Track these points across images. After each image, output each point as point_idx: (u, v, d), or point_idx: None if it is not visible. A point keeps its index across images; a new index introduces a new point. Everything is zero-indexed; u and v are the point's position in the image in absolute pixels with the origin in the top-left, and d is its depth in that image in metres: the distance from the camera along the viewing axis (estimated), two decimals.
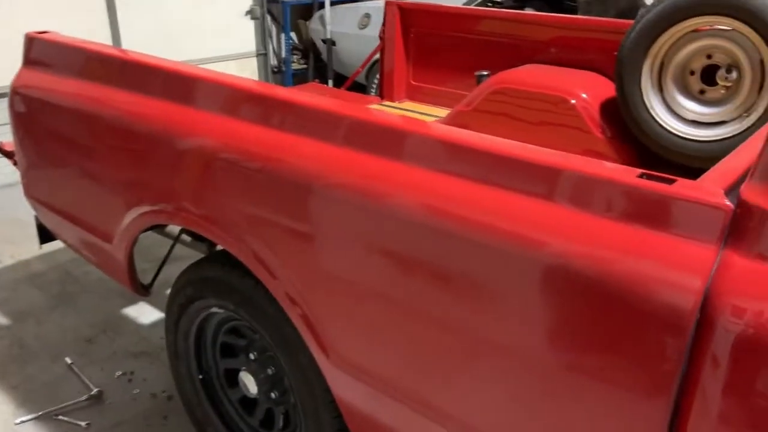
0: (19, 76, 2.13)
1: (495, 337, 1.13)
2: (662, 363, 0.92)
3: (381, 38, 3.28)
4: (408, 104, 3.30)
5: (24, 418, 2.18)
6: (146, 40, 4.59)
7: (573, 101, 2.28)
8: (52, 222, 2.21)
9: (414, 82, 3.32)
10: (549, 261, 1.01)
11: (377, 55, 3.44)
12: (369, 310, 1.34)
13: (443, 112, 2.87)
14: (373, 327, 1.34)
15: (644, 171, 0.94)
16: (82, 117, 1.92)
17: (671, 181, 0.92)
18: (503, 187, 1.11)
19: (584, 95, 2.29)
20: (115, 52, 2.04)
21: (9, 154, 2.52)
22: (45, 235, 2.32)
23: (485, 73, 2.67)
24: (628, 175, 0.95)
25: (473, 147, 1.17)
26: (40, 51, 2.12)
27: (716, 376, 0.88)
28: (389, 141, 1.28)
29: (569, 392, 1.06)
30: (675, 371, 0.91)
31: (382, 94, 3.37)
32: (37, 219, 2.31)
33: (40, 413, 2.21)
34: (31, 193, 2.22)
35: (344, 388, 1.44)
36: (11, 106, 2.12)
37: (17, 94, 2.12)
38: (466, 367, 1.20)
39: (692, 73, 2.00)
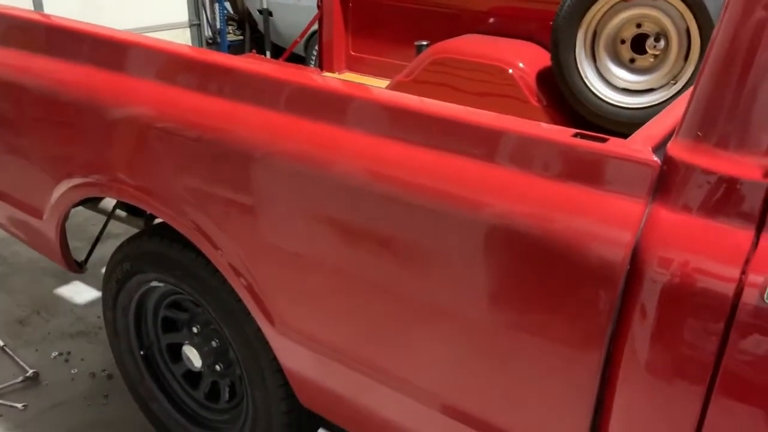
0: None
1: (438, 298, 1.16)
2: (595, 316, 0.97)
3: (319, 7, 3.23)
4: (348, 75, 3.27)
5: None
6: (71, 7, 4.37)
7: (510, 71, 2.32)
8: None
9: (354, 53, 3.29)
10: (490, 221, 1.04)
11: (316, 26, 3.38)
12: (314, 278, 1.34)
13: (384, 82, 2.86)
14: (319, 294, 1.35)
15: (578, 131, 0.97)
16: (5, 87, 1.82)
17: (603, 140, 0.95)
18: (444, 150, 1.12)
19: (521, 65, 2.34)
20: (38, 17, 1.93)
21: None
22: None
23: (424, 43, 2.68)
24: (563, 134, 0.98)
25: (415, 110, 1.18)
26: None
27: (645, 325, 0.93)
28: (331, 106, 1.28)
29: (510, 350, 1.10)
30: (607, 323, 0.96)
31: (322, 65, 3.33)
32: None
33: None
34: None
35: (291, 356, 1.44)
36: None
37: None
38: (410, 328, 1.23)
39: (623, 41, 2.07)
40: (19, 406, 2.10)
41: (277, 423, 1.61)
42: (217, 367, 1.77)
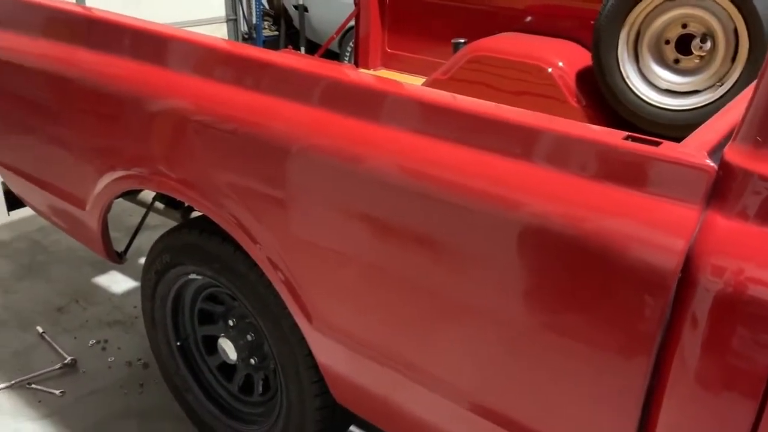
0: None
1: (473, 298, 1.15)
2: (643, 323, 0.95)
3: (356, 4, 3.23)
4: (383, 72, 3.27)
5: None
6: (112, 1, 4.44)
7: (549, 70, 2.29)
8: (20, 188, 2.15)
9: (389, 50, 3.28)
10: (537, 223, 1.03)
11: (351, 22, 3.39)
12: (349, 274, 1.34)
13: (419, 80, 2.85)
14: (355, 291, 1.35)
15: (629, 134, 0.95)
16: (50, 79, 1.85)
17: (656, 144, 0.93)
18: (485, 149, 1.11)
19: (560, 64, 2.30)
20: (81, 10, 1.96)
21: None
22: (13, 202, 2.26)
23: (462, 41, 2.66)
24: (614, 137, 0.96)
25: (464, 109, 1.16)
26: (4, 9, 2.03)
27: (696, 334, 0.91)
28: (366, 102, 1.27)
29: (547, 353, 1.09)
30: (655, 330, 0.94)
31: (357, 62, 3.33)
32: (3, 185, 2.24)
33: (12, 382, 2.17)
34: None
35: (326, 352, 1.45)
36: None
37: None
38: (445, 327, 1.22)
39: (667, 42, 2.02)
40: (57, 392, 2.14)
41: (310, 418, 1.62)
42: (252, 361, 1.78)
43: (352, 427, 1.78)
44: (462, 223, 1.12)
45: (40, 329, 2.43)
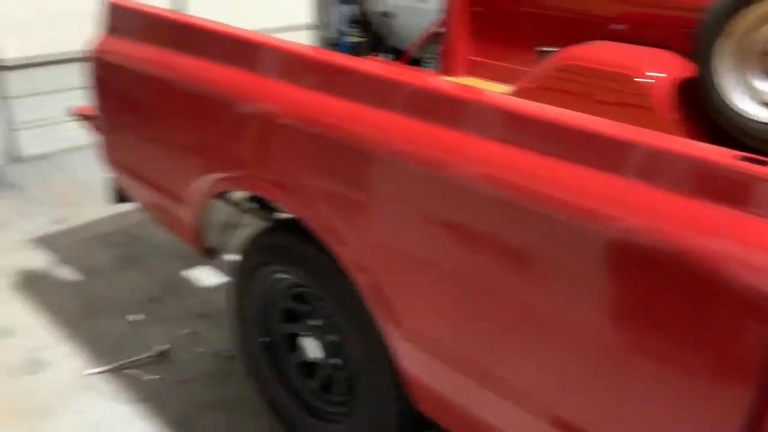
0: (101, 42, 2.20)
1: (561, 312, 1.14)
2: (745, 349, 0.92)
3: (443, 11, 3.25)
4: (468, 80, 3.27)
5: (95, 370, 2.30)
6: (208, 8, 4.65)
7: (643, 81, 2.22)
8: (128, 184, 2.30)
9: (475, 58, 3.28)
10: (630, 239, 1.01)
11: (435, 29, 3.40)
12: (434, 281, 1.36)
13: (504, 88, 2.83)
14: (439, 298, 1.36)
15: (744, 154, 0.93)
16: (157, 83, 1.98)
17: None
18: (584, 164, 1.10)
19: (655, 74, 2.23)
20: (181, 17, 2.07)
21: (85, 118, 2.62)
22: (119, 196, 2.42)
23: (551, 49, 2.62)
24: (727, 156, 0.94)
25: (561, 122, 1.16)
26: (118, 18, 2.19)
27: None
28: (455, 110, 1.29)
29: (637, 374, 1.07)
30: (759, 357, 0.91)
31: (442, 69, 3.35)
32: (112, 180, 2.40)
33: (110, 366, 2.32)
34: (108, 155, 2.31)
35: (410, 359, 1.47)
36: (92, 71, 2.20)
37: (97, 60, 2.19)
38: (532, 340, 1.22)
39: None
40: (151, 378, 2.27)
41: (389, 422, 1.65)
42: (334, 361, 1.83)
43: None
44: (549, 234, 1.12)
45: (137, 317, 2.59)
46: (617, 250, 1.03)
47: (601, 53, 2.44)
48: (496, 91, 3.02)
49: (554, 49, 2.57)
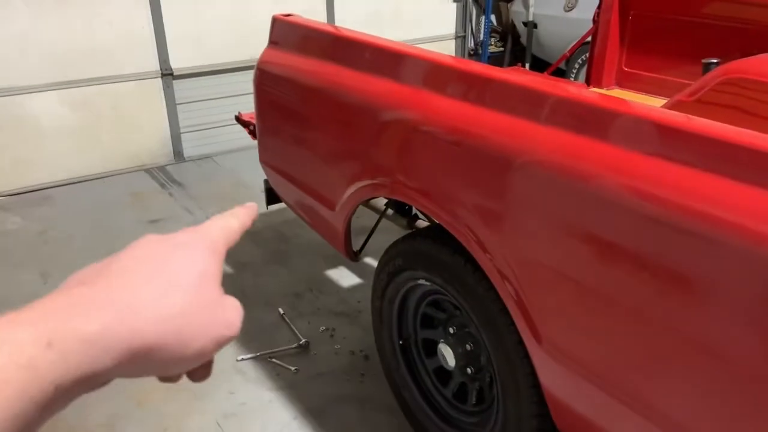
0: (263, 54, 2.39)
1: (711, 335, 1.08)
2: None
3: (594, 21, 3.15)
4: (617, 92, 3.15)
5: (244, 357, 2.49)
6: (357, 21, 4.87)
7: None
8: (280, 186, 2.47)
9: (626, 69, 3.15)
10: None
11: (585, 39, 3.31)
12: (580, 297, 1.33)
13: (657, 101, 2.69)
14: (585, 315, 1.33)
15: None
16: (311, 92, 2.11)
17: None
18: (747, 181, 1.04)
19: None
20: (331, 29, 2.18)
21: (245, 123, 2.86)
22: (271, 197, 2.60)
23: (714, 61, 2.46)
24: None
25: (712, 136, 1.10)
26: (281, 31, 2.36)
27: None
28: (598, 121, 1.26)
29: None
30: None
31: (590, 80, 3.25)
32: (266, 182, 2.59)
33: (257, 354, 2.51)
34: (264, 158, 2.50)
35: (552, 375, 1.45)
36: (255, 80, 2.39)
37: (260, 70, 2.38)
38: (679, 363, 1.16)
39: None
40: (293, 369, 2.42)
41: None
42: (469, 370, 1.84)
43: None
44: (701, 254, 1.06)
45: (281, 311, 2.77)
46: None
47: None
48: (647, 103, 2.89)
49: (718, 61, 2.41)
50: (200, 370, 0.47)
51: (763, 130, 1.75)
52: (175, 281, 0.44)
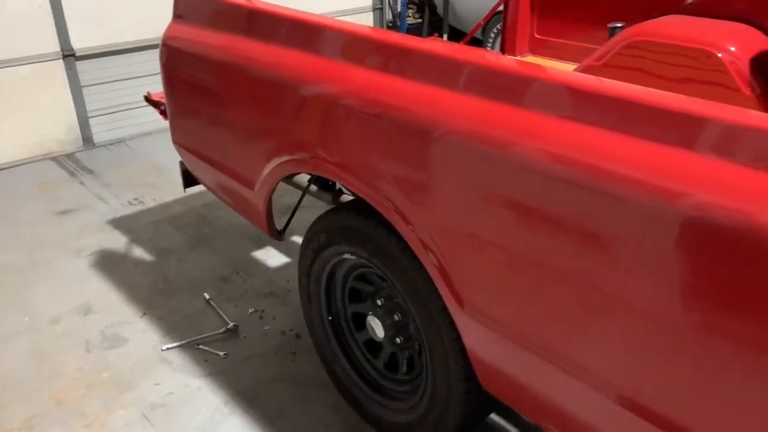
0: (168, 29, 2.27)
1: (626, 290, 1.13)
2: None
3: None
4: (530, 58, 3.21)
5: (170, 345, 2.42)
6: None
7: (720, 55, 2.12)
8: (196, 168, 2.38)
9: (538, 36, 3.21)
10: (718, 219, 0.98)
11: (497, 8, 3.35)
12: (499, 261, 1.35)
13: (569, 66, 2.76)
14: (505, 277, 1.36)
15: None
16: (223, 67, 2.03)
17: None
18: (657, 140, 1.08)
19: (732, 48, 2.13)
20: (244, 2, 2.11)
21: (156, 104, 2.73)
22: (188, 180, 2.50)
23: (619, 25, 2.54)
24: None
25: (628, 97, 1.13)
26: (186, 4, 2.25)
27: None
28: (514, 87, 1.28)
29: (702, 351, 1.05)
30: None
31: (504, 48, 3.30)
32: (182, 165, 2.49)
33: (183, 342, 2.43)
34: (177, 139, 2.40)
35: (476, 338, 1.48)
36: (161, 57, 2.28)
37: (166, 46, 2.26)
38: (597, 319, 1.20)
39: None
40: (221, 354, 2.37)
41: (454, 401, 1.66)
42: (398, 340, 1.86)
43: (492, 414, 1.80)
44: (615, 212, 1.10)
45: (207, 296, 2.69)
46: (691, 229, 1.01)
47: (675, 28, 2.35)
48: (559, 69, 2.96)
49: (623, 25, 2.49)
50: None
51: (665, 88, 1.82)
52: None
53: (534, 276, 1.30)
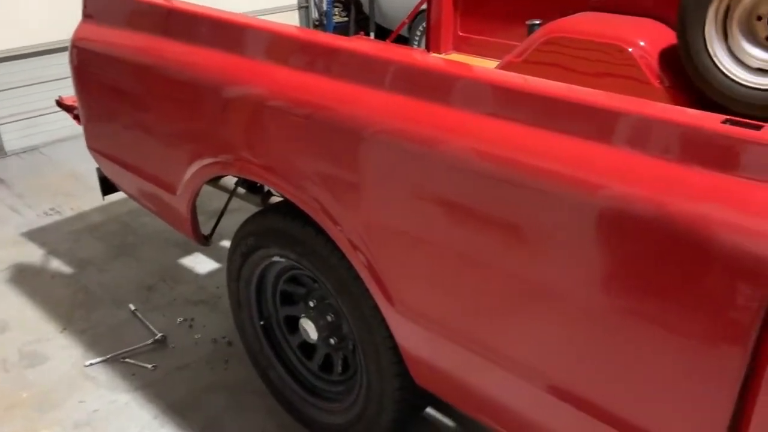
0: (78, 29, 2.16)
1: (552, 281, 1.16)
2: (738, 312, 0.93)
3: None
4: (455, 56, 3.25)
5: (93, 361, 2.31)
6: None
7: (630, 50, 2.21)
8: (114, 174, 2.28)
9: (462, 33, 3.26)
10: (620, 207, 1.02)
11: (422, 6, 3.38)
12: (428, 257, 1.36)
13: (492, 63, 2.82)
14: (434, 273, 1.37)
15: (728, 117, 0.93)
16: (140, 69, 1.95)
17: (758, 127, 0.90)
18: (568, 133, 1.11)
19: (642, 43, 2.23)
20: (162, 2, 2.04)
21: (69, 108, 2.60)
22: (107, 187, 2.40)
23: (537, 22, 2.61)
24: (712, 120, 0.94)
25: (544, 93, 1.16)
26: (96, 4, 2.15)
27: None
28: (440, 86, 1.29)
29: (625, 337, 1.08)
30: (753, 321, 0.92)
31: (429, 46, 3.33)
32: (99, 171, 2.38)
33: (108, 356, 2.33)
34: (93, 145, 2.29)
35: (407, 334, 1.48)
36: (71, 60, 2.17)
37: (76, 47, 2.16)
38: (526, 310, 1.23)
39: (759, 18, 1.92)
40: (149, 366, 2.28)
41: (389, 398, 1.66)
42: (332, 341, 1.84)
43: (428, 409, 1.81)
44: (538, 206, 1.13)
45: (132, 307, 2.59)
46: (609, 219, 1.04)
47: (588, 24, 2.43)
48: (482, 66, 3.01)
49: (541, 22, 2.56)
50: None
51: (582, 82, 1.88)
52: None
53: (461, 271, 1.31)
